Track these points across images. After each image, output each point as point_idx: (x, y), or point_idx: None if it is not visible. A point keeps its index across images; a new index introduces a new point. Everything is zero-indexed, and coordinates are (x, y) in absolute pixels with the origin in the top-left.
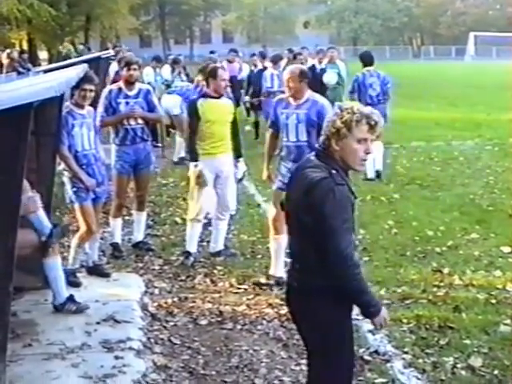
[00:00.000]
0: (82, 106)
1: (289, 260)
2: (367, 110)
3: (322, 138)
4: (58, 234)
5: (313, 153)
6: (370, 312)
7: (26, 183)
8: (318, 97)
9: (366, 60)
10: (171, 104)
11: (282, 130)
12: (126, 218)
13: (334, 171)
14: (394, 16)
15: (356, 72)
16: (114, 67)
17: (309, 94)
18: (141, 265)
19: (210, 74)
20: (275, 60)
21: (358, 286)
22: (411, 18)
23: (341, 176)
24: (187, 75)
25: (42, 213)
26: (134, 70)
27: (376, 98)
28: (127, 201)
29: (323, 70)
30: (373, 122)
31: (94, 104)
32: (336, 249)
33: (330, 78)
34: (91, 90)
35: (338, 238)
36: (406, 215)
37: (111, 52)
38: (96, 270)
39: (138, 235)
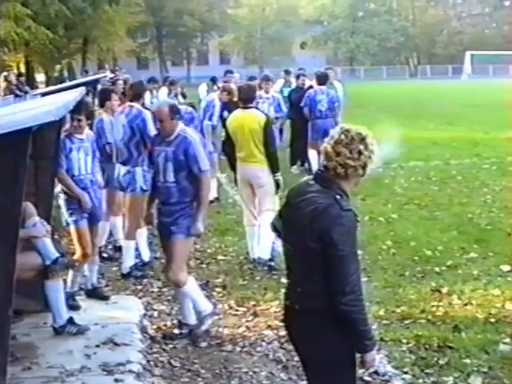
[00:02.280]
0: (80, 131)
1: (287, 282)
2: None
3: (325, 162)
4: (62, 264)
5: (310, 176)
6: (364, 345)
7: (32, 208)
8: (189, 133)
9: (321, 79)
10: None
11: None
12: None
13: (338, 196)
14: (391, 36)
15: (350, 92)
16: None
17: (180, 129)
18: (140, 287)
19: None
20: (267, 79)
21: (359, 313)
22: (407, 38)
23: (345, 201)
24: (184, 96)
25: (48, 241)
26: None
27: (324, 113)
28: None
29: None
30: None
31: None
32: (346, 275)
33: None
34: (80, 120)
35: (348, 264)
36: (405, 235)
37: (108, 74)
38: (95, 293)
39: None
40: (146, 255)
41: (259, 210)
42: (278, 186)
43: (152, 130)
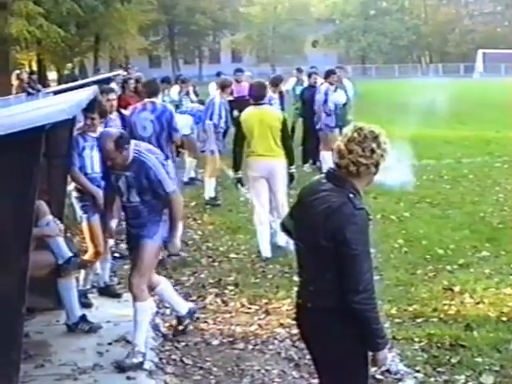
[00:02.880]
0: (93, 129)
1: (299, 280)
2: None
3: (337, 160)
4: (75, 263)
5: (322, 175)
6: (376, 344)
7: (45, 207)
8: (144, 153)
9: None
10: (182, 124)
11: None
12: None
13: (351, 195)
14: (403, 34)
15: (362, 90)
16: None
17: (134, 151)
18: None
19: None
20: (275, 82)
21: (372, 312)
22: (419, 37)
23: (358, 199)
24: (196, 95)
25: (61, 240)
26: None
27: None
28: None
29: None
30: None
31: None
32: (359, 273)
33: (338, 98)
34: (93, 118)
35: (361, 263)
36: (417, 234)
37: (121, 73)
38: (107, 291)
39: None
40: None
41: (274, 206)
42: (292, 178)
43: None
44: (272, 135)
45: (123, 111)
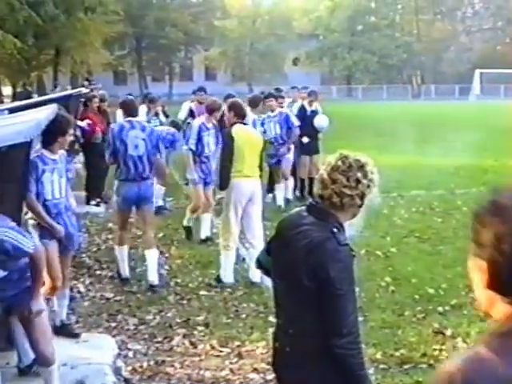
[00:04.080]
0: (54, 151)
1: (277, 322)
2: (377, 176)
3: (320, 191)
4: (35, 371)
5: (303, 207)
6: None
7: None
8: None
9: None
10: None
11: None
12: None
13: (335, 229)
14: (392, 52)
15: (346, 113)
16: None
17: None
18: (113, 324)
19: None
20: (255, 103)
21: (356, 357)
22: (411, 55)
23: (342, 234)
24: (166, 116)
25: (26, 341)
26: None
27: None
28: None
29: (314, 113)
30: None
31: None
32: (343, 315)
33: (321, 121)
34: (71, 135)
35: (346, 304)
36: (405, 271)
37: (84, 90)
38: (64, 330)
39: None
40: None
41: (251, 228)
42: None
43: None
44: (258, 156)
45: (79, 122)
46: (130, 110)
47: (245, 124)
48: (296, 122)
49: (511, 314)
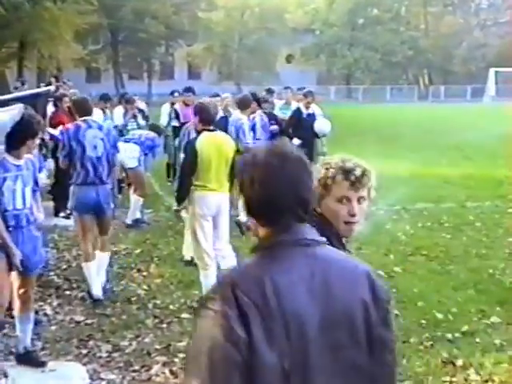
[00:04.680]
0: (19, 156)
1: None
2: (349, 163)
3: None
4: None
5: None
6: None
7: None
8: None
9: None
10: (127, 155)
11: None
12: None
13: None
14: (397, 49)
15: (345, 116)
16: (49, 108)
17: None
18: (84, 351)
19: None
20: (244, 103)
21: None
22: (417, 52)
23: (331, 244)
24: (146, 118)
25: None
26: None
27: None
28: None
29: (312, 116)
30: (353, 177)
31: None
32: None
33: (322, 126)
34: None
35: None
36: (410, 293)
37: (52, 88)
38: (28, 358)
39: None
40: None
41: (220, 238)
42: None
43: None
44: (226, 168)
45: (51, 130)
46: (83, 109)
47: (213, 130)
48: (258, 133)
49: (267, 233)
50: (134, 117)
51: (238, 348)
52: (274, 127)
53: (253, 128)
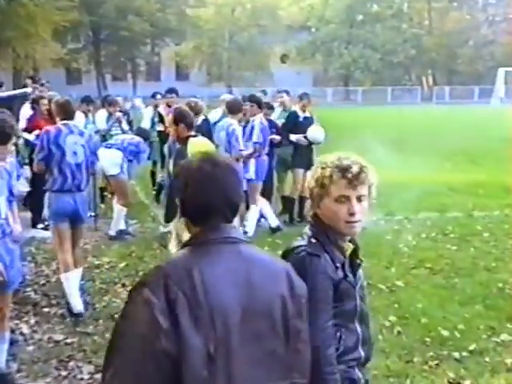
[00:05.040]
0: None
1: None
2: (346, 160)
3: None
4: None
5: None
6: None
7: None
8: None
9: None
10: (109, 161)
11: None
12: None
13: (313, 240)
14: (398, 48)
15: (343, 119)
16: (26, 111)
17: None
18: (64, 373)
19: None
20: (234, 107)
21: None
22: (421, 51)
23: (322, 246)
24: (130, 123)
25: None
26: None
27: None
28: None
29: (309, 120)
30: (350, 175)
31: None
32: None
33: (316, 133)
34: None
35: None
36: (413, 309)
37: (28, 90)
38: (3, 381)
39: None
40: None
41: None
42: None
43: None
44: None
45: (26, 135)
46: (65, 111)
47: (195, 136)
48: (255, 137)
49: (198, 232)
50: (119, 122)
51: (158, 337)
52: (275, 137)
53: (250, 132)
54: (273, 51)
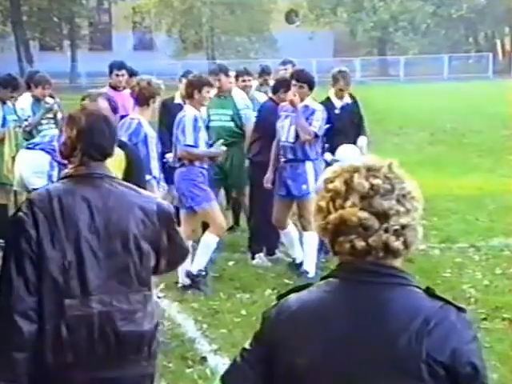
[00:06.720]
0: None
1: None
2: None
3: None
4: None
5: None
6: None
7: None
8: None
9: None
10: (32, 169)
11: None
12: None
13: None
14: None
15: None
16: None
17: None
18: None
19: None
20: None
21: None
22: (491, 2)
23: None
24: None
25: None
26: None
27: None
28: None
29: (350, 106)
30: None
31: None
32: None
33: (347, 152)
34: None
35: None
36: (490, 376)
37: None
38: None
39: None
40: None
41: None
42: None
43: None
44: None
45: None
46: None
47: None
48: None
49: (70, 168)
50: (52, 111)
51: (29, 243)
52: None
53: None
54: (276, 7)
